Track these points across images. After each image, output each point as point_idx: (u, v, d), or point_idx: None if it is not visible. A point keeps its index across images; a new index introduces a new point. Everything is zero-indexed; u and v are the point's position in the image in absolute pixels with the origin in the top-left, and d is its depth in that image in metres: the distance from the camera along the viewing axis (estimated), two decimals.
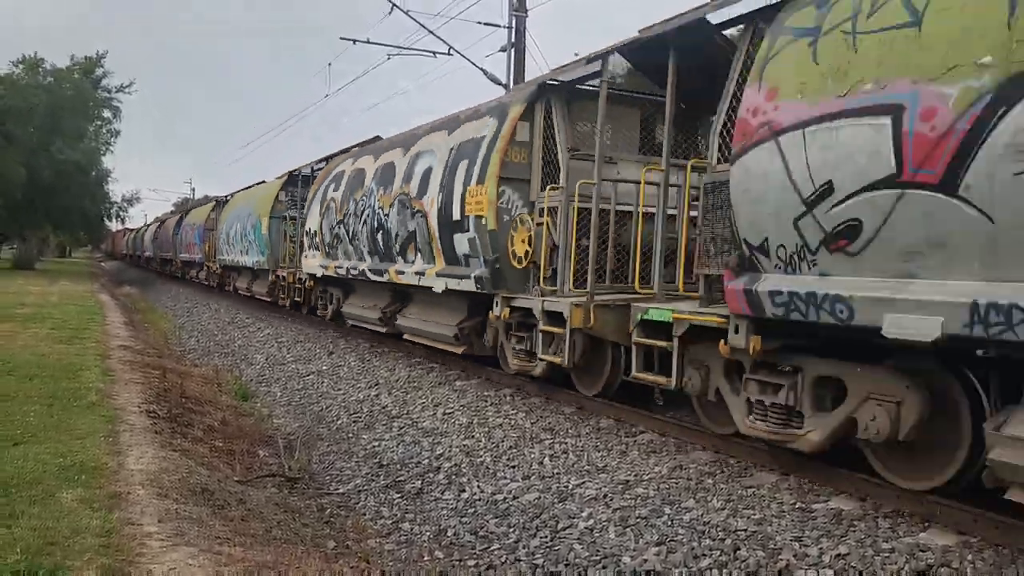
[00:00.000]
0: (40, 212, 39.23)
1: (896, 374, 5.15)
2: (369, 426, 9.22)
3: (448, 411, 9.07)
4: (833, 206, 4.96)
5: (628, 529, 5.43)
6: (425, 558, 5.54)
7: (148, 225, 58.43)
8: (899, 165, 4.55)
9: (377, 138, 15.32)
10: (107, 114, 42.09)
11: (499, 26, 20.17)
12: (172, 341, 17.44)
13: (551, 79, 9.01)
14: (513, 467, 7.00)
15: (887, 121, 4.61)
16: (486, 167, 9.24)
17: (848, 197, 4.87)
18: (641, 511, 5.66)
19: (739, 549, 4.91)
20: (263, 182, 24.00)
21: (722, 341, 5.94)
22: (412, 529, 6.16)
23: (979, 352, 4.57)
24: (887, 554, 4.59)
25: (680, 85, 7.10)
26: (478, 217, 9.35)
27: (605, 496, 6.03)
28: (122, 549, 4.23)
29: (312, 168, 17.98)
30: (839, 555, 4.65)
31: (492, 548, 5.59)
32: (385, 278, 12.16)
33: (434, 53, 20.93)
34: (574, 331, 7.89)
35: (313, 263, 15.76)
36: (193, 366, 13.35)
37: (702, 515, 5.44)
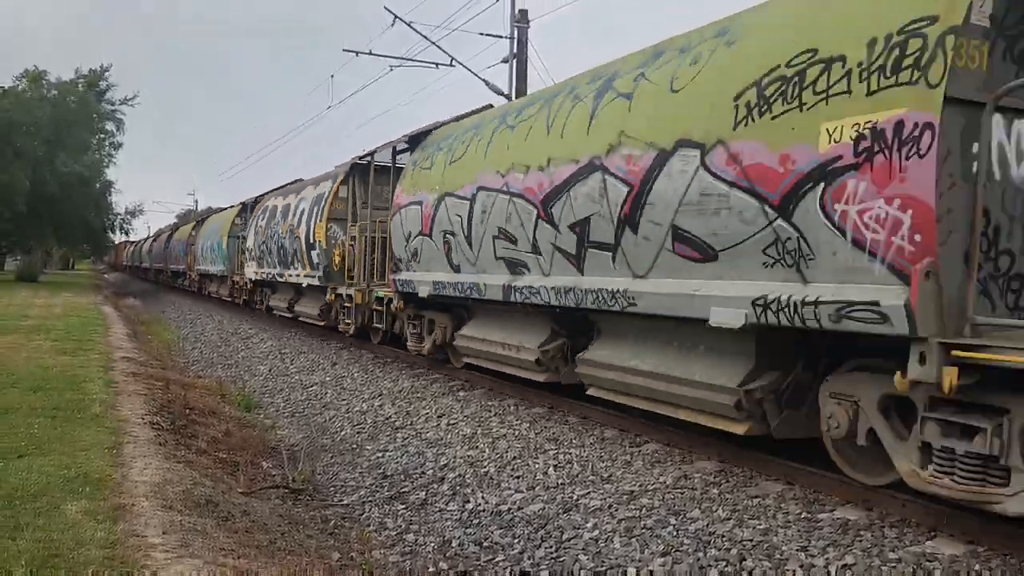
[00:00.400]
0: (44, 224, 39.36)
1: (447, 313, 11.13)
2: (373, 437, 9.21)
3: (452, 421, 9.06)
4: (411, 242, 11.27)
5: (633, 539, 5.41)
6: (430, 569, 5.52)
7: (147, 238, 59.66)
8: (422, 226, 10.81)
9: (299, 180, 20.82)
10: (110, 127, 42.32)
11: (501, 37, 20.31)
12: (175, 352, 17.46)
13: (357, 161, 15.36)
14: (517, 478, 6.98)
15: (420, 207, 10.94)
16: (323, 212, 16.08)
17: (414, 239, 11.16)
18: (646, 521, 5.64)
19: (745, 559, 4.89)
20: (233, 206, 29.36)
21: (393, 304, 12.17)
22: (416, 540, 6.14)
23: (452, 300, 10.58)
24: (894, 564, 4.57)
25: None
26: (319, 241, 16.01)
27: (610, 506, 6.01)
28: (126, 561, 4.23)
29: (255, 200, 24.14)
30: (845, 565, 4.63)
31: (497, 559, 5.57)
32: (285, 279, 18.66)
33: (436, 64, 21.08)
34: (358, 306, 14.03)
35: (250, 271, 22.29)
36: (196, 377, 13.36)
37: (707, 525, 5.43)
